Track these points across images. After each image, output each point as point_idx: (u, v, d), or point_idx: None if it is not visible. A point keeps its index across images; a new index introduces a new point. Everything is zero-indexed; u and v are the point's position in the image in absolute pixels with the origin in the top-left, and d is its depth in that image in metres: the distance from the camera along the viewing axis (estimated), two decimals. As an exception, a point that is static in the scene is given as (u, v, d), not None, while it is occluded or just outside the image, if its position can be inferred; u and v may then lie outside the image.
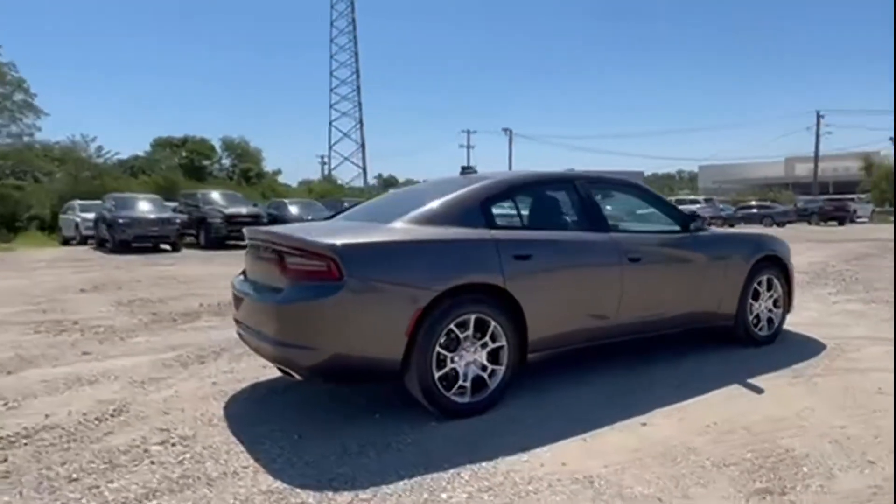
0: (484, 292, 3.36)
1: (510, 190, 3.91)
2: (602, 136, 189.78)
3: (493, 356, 3.41)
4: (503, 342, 3.41)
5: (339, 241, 3.10)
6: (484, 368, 3.39)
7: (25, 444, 3.00)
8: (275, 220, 17.26)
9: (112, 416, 3.36)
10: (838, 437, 3.02)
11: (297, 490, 2.51)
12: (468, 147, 57.40)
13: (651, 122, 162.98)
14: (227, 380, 4.03)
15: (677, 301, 4.31)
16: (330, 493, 2.48)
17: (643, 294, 4.06)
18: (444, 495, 2.48)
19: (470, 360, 3.33)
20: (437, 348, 3.19)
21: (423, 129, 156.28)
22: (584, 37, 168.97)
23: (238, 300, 3.69)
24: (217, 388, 3.86)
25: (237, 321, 3.73)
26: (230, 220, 16.62)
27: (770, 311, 4.87)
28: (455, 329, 3.25)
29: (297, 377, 3.26)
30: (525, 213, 3.95)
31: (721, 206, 32.58)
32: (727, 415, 3.34)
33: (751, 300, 4.70)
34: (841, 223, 31.56)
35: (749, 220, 32.38)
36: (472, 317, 3.29)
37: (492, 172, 4.27)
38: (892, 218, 31.27)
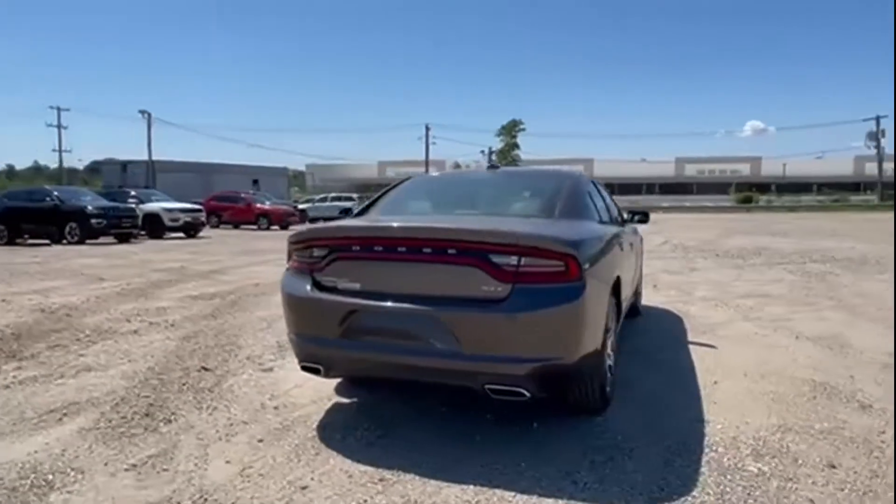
0: None
1: (589, 186, 4.22)
2: (259, 129, 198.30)
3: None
4: (612, 326, 3.44)
5: (573, 238, 2.89)
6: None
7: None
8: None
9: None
10: None
11: None
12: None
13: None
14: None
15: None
16: None
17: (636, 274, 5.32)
18: None
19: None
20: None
21: None
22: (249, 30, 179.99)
23: (347, 315, 2.90)
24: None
25: (354, 337, 2.92)
26: None
27: None
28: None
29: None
30: (599, 205, 4.21)
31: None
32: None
33: None
34: None
35: None
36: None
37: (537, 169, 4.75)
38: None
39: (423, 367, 2.86)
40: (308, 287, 3.09)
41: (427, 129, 54.55)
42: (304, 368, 3.18)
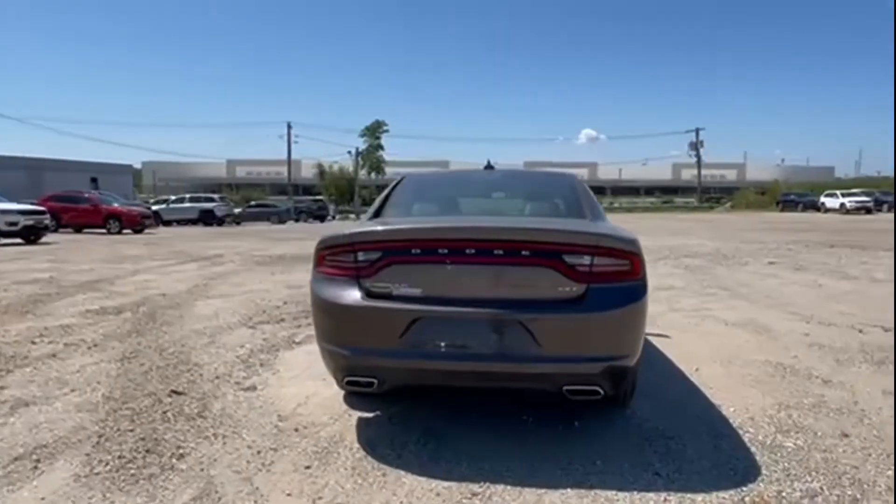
0: None
1: None
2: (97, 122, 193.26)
3: None
4: None
5: (633, 238, 2.92)
6: None
7: None
8: None
9: None
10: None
11: None
12: None
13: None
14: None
15: None
16: None
17: None
18: None
19: None
20: None
21: None
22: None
23: (411, 323, 2.72)
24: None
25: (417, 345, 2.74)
26: None
27: None
28: None
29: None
30: None
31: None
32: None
33: None
34: (322, 220, 39.03)
35: (257, 217, 37.26)
36: None
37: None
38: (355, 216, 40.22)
39: (496, 373, 2.77)
40: (357, 295, 2.85)
41: (289, 127, 52.49)
42: (349, 383, 2.93)
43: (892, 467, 2.70)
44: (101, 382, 3.91)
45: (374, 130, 51.55)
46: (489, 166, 4.47)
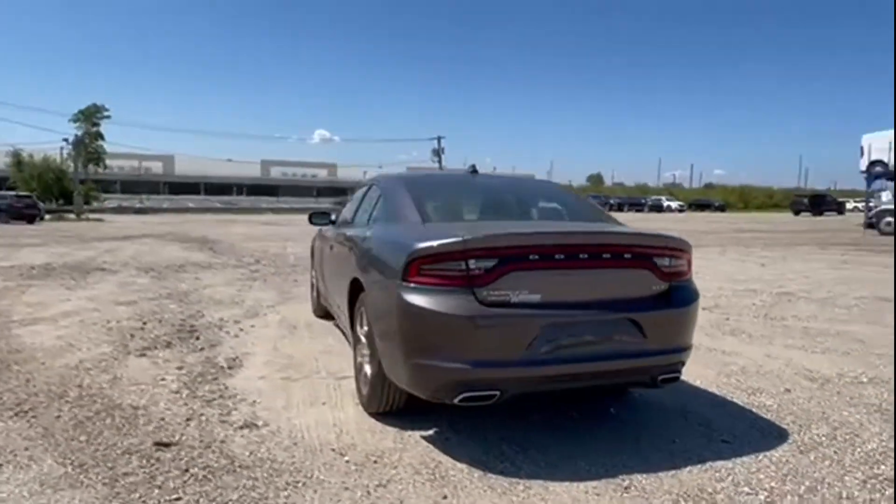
0: None
1: None
2: None
3: None
4: None
5: (687, 240, 3.24)
6: None
7: None
8: None
9: None
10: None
11: None
12: None
13: None
14: None
15: None
16: None
17: None
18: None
19: None
20: None
21: None
22: None
23: (540, 330, 2.75)
24: None
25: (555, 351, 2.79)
26: None
27: None
28: None
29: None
30: None
31: None
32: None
33: None
34: (31, 221, 27.42)
35: None
36: None
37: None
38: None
39: (612, 371, 2.96)
40: (475, 304, 2.73)
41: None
42: (466, 399, 2.76)
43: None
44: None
45: (91, 115, 43.54)
46: (474, 170, 4.51)
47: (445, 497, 2.53)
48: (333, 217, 5.42)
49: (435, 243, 2.83)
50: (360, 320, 3.60)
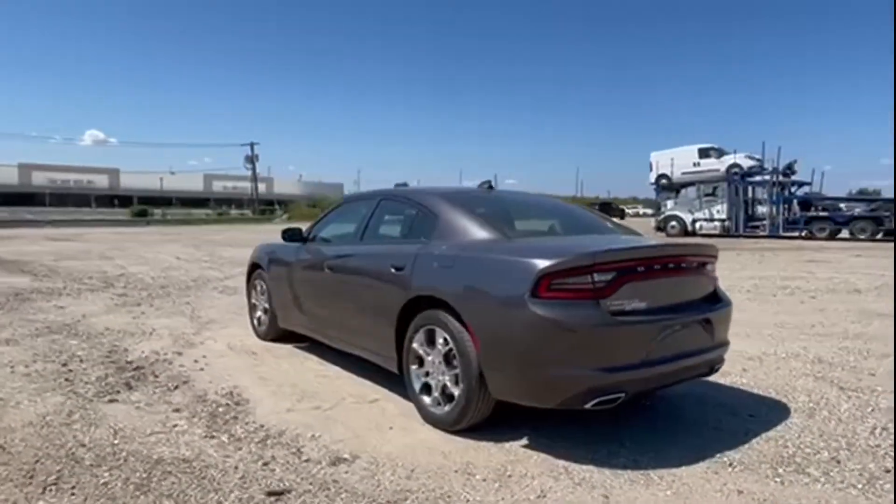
0: None
1: None
2: None
3: None
4: None
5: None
6: None
7: None
8: None
9: None
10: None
11: None
12: None
13: None
14: None
15: None
16: None
17: None
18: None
19: None
20: None
21: None
22: None
23: (656, 334, 3.11)
24: None
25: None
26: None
27: None
28: None
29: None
30: None
31: None
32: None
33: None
34: None
35: None
36: None
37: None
38: None
39: (693, 366, 3.39)
40: (603, 315, 2.98)
41: None
42: (599, 403, 2.97)
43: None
44: None
45: None
46: (490, 186, 4.61)
47: (607, 497, 2.71)
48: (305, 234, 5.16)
49: (565, 259, 3.01)
50: (423, 340, 3.55)
